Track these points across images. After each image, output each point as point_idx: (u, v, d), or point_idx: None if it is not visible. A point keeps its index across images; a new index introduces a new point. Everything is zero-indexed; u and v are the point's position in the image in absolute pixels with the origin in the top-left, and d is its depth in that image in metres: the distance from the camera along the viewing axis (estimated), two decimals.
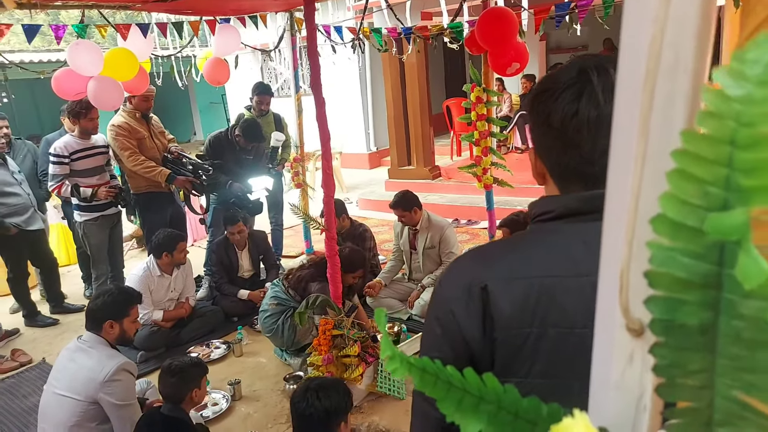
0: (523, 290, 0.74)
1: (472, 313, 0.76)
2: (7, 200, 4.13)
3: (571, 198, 0.77)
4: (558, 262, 0.74)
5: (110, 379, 2.35)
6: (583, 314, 0.70)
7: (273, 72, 10.89)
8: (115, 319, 2.54)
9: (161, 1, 3.72)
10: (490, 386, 0.35)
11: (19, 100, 11.41)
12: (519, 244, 0.83)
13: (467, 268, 0.82)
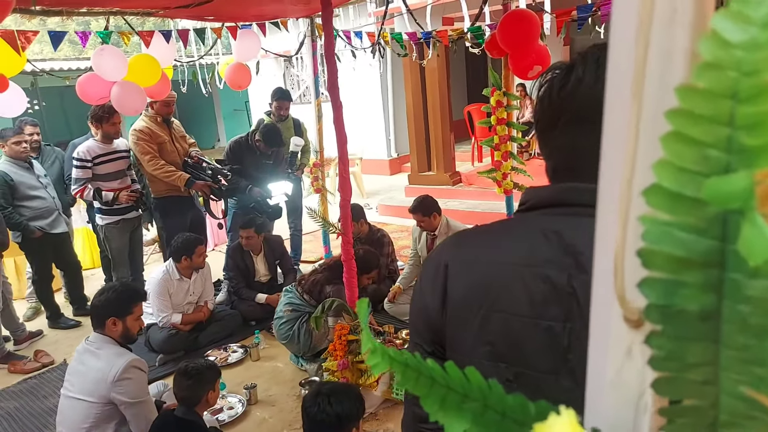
0: (477, 272, 0.78)
1: (435, 288, 0.81)
2: (32, 203, 4.22)
3: (544, 190, 0.79)
4: (515, 250, 0.76)
5: (120, 378, 2.35)
6: (527, 303, 0.72)
7: (295, 78, 10.98)
8: (118, 317, 2.50)
9: (183, 7, 3.78)
10: (475, 383, 0.32)
11: (49, 107, 11.70)
12: (491, 230, 0.85)
13: (444, 249, 0.86)
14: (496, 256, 0.78)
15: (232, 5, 3.84)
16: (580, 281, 0.69)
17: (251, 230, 4.31)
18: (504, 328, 0.74)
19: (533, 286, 0.72)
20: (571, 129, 0.74)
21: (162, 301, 3.85)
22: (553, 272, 0.71)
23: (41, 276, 4.49)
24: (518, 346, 0.73)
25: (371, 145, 9.58)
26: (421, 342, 0.85)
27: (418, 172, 7.72)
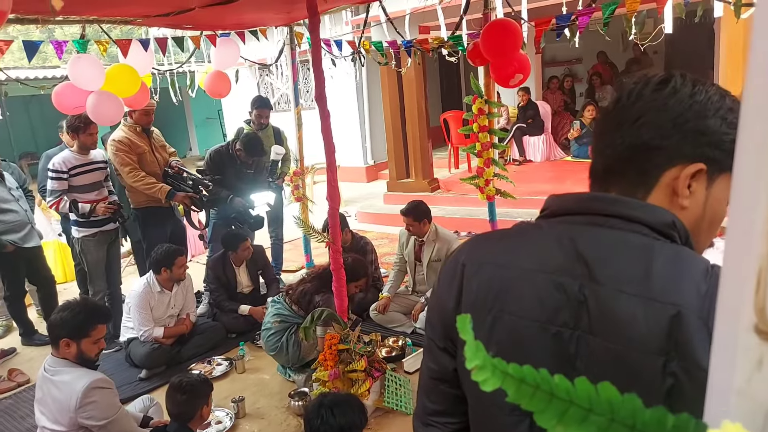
0: (490, 275, 0.79)
1: (452, 287, 0.83)
2: (3, 217, 4.08)
3: (565, 198, 0.82)
4: (528, 255, 0.78)
5: (82, 405, 2.23)
6: (537, 308, 0.74)
7: (270, 86, 10.91)
8: (72, 338, 2.29)
9: (162, 15, 3.72)
10: (604, 396, 0.33)
11: (14, 118, 11.34)
12: (508, 234, 0.87)
13: (463, 250, 0.88)
14: (510, 260, 0.79)
15: (210, 14, 3.80)
16: (591, 291, 0.70)
17: (248, 241, 4.31)
18: (512, 331, 0.75)
19: (544, 292, 0.74)
20: (635, 132, 0.75)
21: (143, 315, 3.76)
22: (566, 279, 0.72)
23: (13, 292, 4.34)
24: (525, 349, 0.74)
25: (347, 152, 9.57)
26: (434, 338, 0.87)
27: (397, 179, 7.75)
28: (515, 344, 0.75)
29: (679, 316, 0.65)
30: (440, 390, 0.88)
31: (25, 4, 2.94)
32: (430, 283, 4.09)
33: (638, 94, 0.75)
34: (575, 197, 0.80)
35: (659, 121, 0.73)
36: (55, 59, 13.53)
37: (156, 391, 3.48)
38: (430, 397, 0.90)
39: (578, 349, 0.70)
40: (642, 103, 0.74)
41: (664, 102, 0.73)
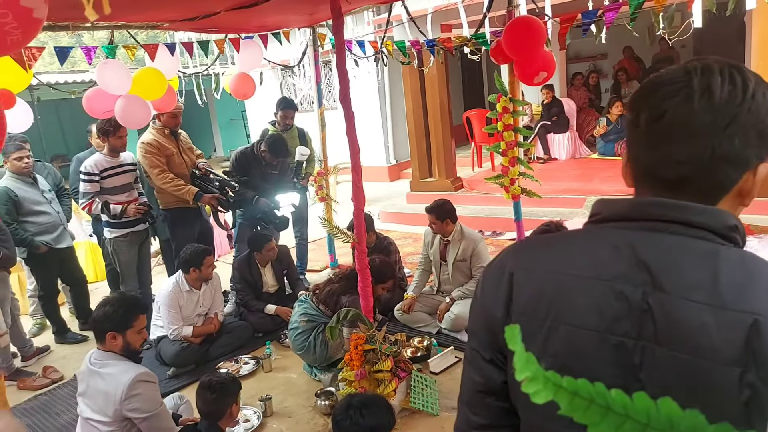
0: (542, 282, 0.77)
1: (499, 294, 0.81)
2: (37, 219, 4.19)
3: (620, 202, 0.78)
4: (581, 262, 0.75)
5: (128, 396, 2.29)
6: (595, 317, 0.71)
7: (292, 87, 10.99)
8: (117, 331, 2.39)
9: (188, 20, 3.78)
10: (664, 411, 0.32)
11: (45, 121, 11.63)
12: (555, 240, 0.85)
13: (507, 256, 0.86)
14: (563, 267, 0.77)
15: (235, 17, 3.84)
16: (656, 299, 0.68)
17: (273, 241, 4.37)
18: (569, 341, 0.73)
19: (603, 300, 0.71)
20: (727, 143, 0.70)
21: (172, 314, 3.83)
22: (626, 287, 0.70)
23: (47, 291, 4.46)
24: (584, 359, 0.71)
25: (370, 152, 9.59)
26: (479, 349, 0.84)
27: (420, 178, 7.73)
28: (573, 355, 0.72)
29: (756, 325, 0.63)
30: (486, 403, 0.85)
31: (56, 12, 3.02)
32: (456, 282, 4.08)
33: (709, 95, 0.70)
34: (630, 202, 0.77)
35: (745, 128, 0.69)
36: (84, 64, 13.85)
37: (185, 389, 3.55)
38: (475, 410, 0.87)
39: (643, 360, 0.68)
40: (722, 106, 0.69)
41: (745, 106, 0.69)
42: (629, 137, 0.79)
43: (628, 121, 0.79)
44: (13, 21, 1.28)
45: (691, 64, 0.73)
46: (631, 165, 0.80)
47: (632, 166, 0.80)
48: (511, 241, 5.77)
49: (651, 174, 0.76)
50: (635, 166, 0.79)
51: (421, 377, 3.21)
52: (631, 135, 0.78)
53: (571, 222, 5.48)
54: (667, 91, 0.72)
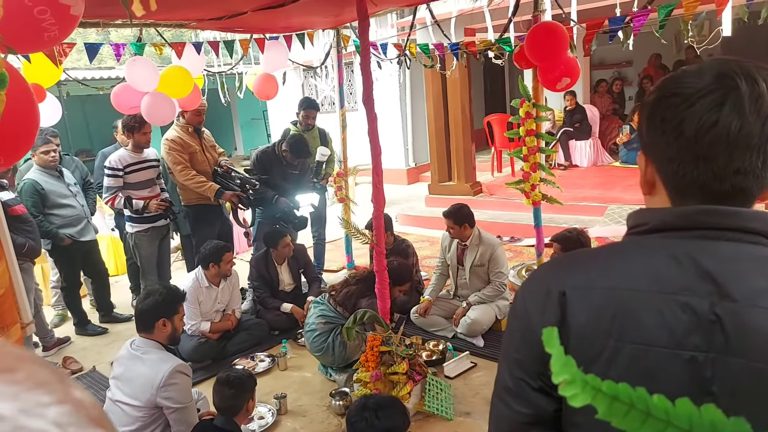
0: (601, 301, 0.73)
1: (549, 317, 0.75)
2: (62, 212, 4.27)
3: (669, 212, 0.75)
4: (639, 276, 0.72)
5: (166, 383, 2.36)
6: (664, 333, 0.68)
7: (314, 88, 11.06)
8: (168, 317, 2.56)
9: (216, 19, 3.83)
10: (707, 418, 0.32)
11: (72, 116, 11.86)
12: (602, 254, 0.81)
13: (549, 274, 0.81)
14: (620, 282, 0.73)
15: (261, 18, 3.88)
16: (724, 309, 0.66)
17: (288, 237, 4.38)
18: (637, 361, 0.70)
19: (670, 315, 0.68)
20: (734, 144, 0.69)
21: (192, 309, 3.87)
22: (692, 299, 0.68)
23: (70, 283, 4.54)
24: (654, 379, 0.68)
25: (389, 154, 9.59)
26: (525, 377, 0.78)
27: (439, 181, 7.72)
28: (643, 375, 0.69)
29: None
30: None
31: (88, 9, 3.08)
32: (473, 287, 4.06)
33: (758, 102, 0.68)
34: (680, 212, 0.74)
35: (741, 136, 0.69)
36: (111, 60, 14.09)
37: (201, 384, 3.58)
38: None
39: (714, 373, 0.66)
40: (715, 131, 0.68)
41: None
42: (660, 145, 0.75)
43: (656, 128, 0.75)
44: (51, 17, 1.31)
45: (719, 67, 0.71)
46: (665, 176, 0.76)
47: (668, 177, 0.76)
48: (529, 247, 5.73)
49: (699, 184, 0.73)
50: (674, 177, 0.75)
51: (436, 381, 3.20)
52: (667, 143, 0.74)
53: (593, 230, 5.43)
54: (712, 99, 0.69)
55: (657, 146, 0.76)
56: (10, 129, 1.22)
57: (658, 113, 0.74)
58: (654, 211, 0.77)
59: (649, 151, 0.79)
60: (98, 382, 3.80)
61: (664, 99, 0.74)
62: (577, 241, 3.41)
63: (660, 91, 0.76)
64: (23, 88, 1.35)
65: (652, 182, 0.79)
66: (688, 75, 0.73)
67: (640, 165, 0.82)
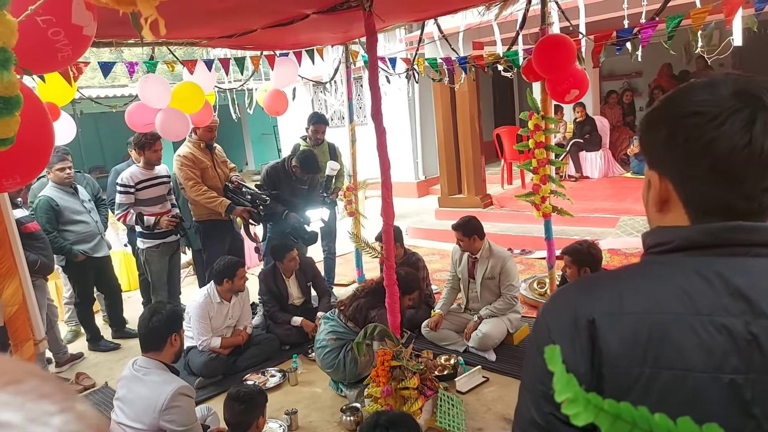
0: (633, 326, 0.69)
1: (579, 348, 0.72)
2: (76, 228, 4.32)
3: (691, 230, 0.73)
4: (670, 299, 0.69)
5: (168, 407, 2.33)
6: (702, 356, 0.66)
7: (324, 103, 11.14)
8: (177, 331, 2.59)
9: (226, 37, 3.89)
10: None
11: (86, 133, 12.05)
12: (628, 276, 0.77)
13: (572, 299, 0.77)
14: (651, 306, 0.70)
15: (271, 35, 3.94)
16: (760, 327, 0.65)
17: (294, 251, 4.37)
18: (676, 387, 0.67)
19: (707, 337, 0.66)
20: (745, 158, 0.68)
21: (202, 324, 3.88)
22: (727, 320, 0.66)
23: (83, 299, 4.57)
24: (695, 405, 0.66)
25: (399, 168, 9.62)
26: (555, 411, 0.71)
27: (448, 194, 7.71)
28: (683, 402, 0.66)
29: None
30: None
31: (101, 29, 3.14)
32: (484, 301, 4.03)
33: None
34: (705, 229, 0.72)
35: None
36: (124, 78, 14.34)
37: (212, 400, 3.58)
38: None
39: (755, 395, 0.64)
40: (748, 151, 0.68)
41: None
42: (682, 162, 0.73)
43: (679, 146, 0.73)
44: (65, 38, 1.34)
45: (734, 84, 0.70)
46: (686, 194, 0.74)
47: (690, 196, 0.74)
48: (541, 259, 5.69)
49: (724, 203, 0.71)
50: (698, 196, 0.73)
51: (447, 396, 3.17)
52: (690, 162, 0.72)
53: (605, 242, 5.39)
54: (742, 118, 0.68)
55: (679, 165, 0.74)
56: (26, 148, 1.25)
57: (681, 132, 0.72)
58: (676, 229, 0.75)
59: (665, 169, 0.76)
60: (110, 398, 3.76)
61: (685, 118, 0.72)
62: (588, 253, 3.38)
63: (673, 108, 0.74)
64: (38, 108, 1.38)
65: (665, 199, 0.77)
66: (700, 91, 0.72)
67: (653, 182, 0.79)
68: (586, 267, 3.37)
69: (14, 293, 1.69)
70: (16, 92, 0.96)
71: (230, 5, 2.85)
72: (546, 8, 3.75)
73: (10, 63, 0.94)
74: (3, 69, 0.91)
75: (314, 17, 3.36)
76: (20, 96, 0.97)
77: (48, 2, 1.19)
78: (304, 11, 3.28)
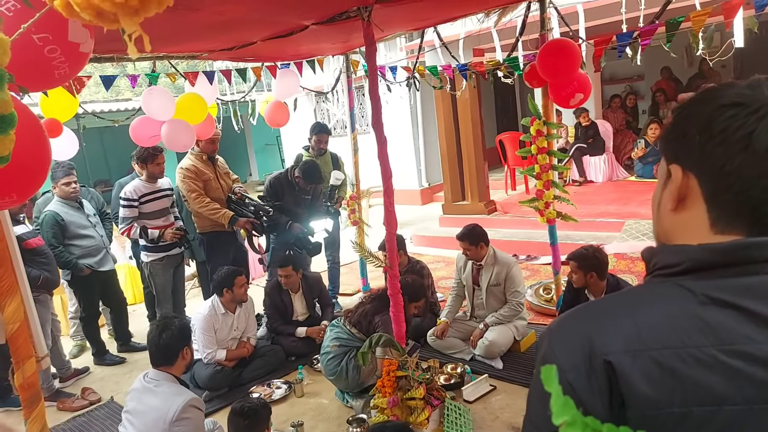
0: (656, 364, 0.65)
1: (597, 390, 0.67)
2: (81, 242, 4.33)
3: (703, 250, 0.69)
4: (692, 330, 0.65)
5: (179, 418, 2.35)
6: (732, 389, 0.63)
7: (326, 112, 11.18)
8: (188, 345, 2.64)
9: (227, 49, 3.90)
10: None
11: (90, 148, 12.12)
12: (641, 304, 0.72)
13: (583, 332, 0.71)
14: (671, 341, 0.66)
15: (271, 46, 3.95)
16: None
17: (289, 268, 4.30)
18: (710, 424, 0.64)
19: (734, 369, 0.63)
20: None
21: (207, 337, 3.87)
22: (753, 347, 0.63)
23: (89, 313, 4.57)
24: None
25: (402, 175, 9.63)
26: None
27: (452, 201, 7.70)
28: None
29: None
30: None
31: (101, 44, 3.16)
32: (489, 308, 4.00)
33: None
34: (716, 249, 0.68)
35: None
36: (127, 92, 14.45)
37: (218, 413, 3.56)
38: None
39: None
40: None
41: None
42: (711, 159, 0.69)
43: (707, 139, 0.69)
44: (62, 56, 1.35)
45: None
46: (714, 189, 0.70)
47: (718, 192, 0.70)
48: (546, 265, 5.65)
49: (753, 205, 0.68)
50: (727, 192, 0.69)
51: (454, 405, 3.14)
52: (724, 158, 0.68)
53: (610, 246, 5.35)
54: None
55: (710, 158, 0.69)
56: (22, 166, 1.25)
57: (718, 123, 0.68)
58: (684, 249, 0.71)
59: (693, 163, 0.71)
60: (116, 413, 3.79)
61: (725, 108, 0.68)
62: (594, 258, 3.35)
63: (712, 100, 0.70)
64: (34, 126, 1.38)
65: (684, 196, 0.73)
66: (740, 87, 0.69)
67: (674, 177, 0.74)
68: (593, 272, 3.34)
69: (15, 311, 1.69)
70: (10, 110, 0.95)
71: (229, 18, 2.86)
72: (545, 14, 3.75)
73: (4, 81, 0.94)
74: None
75: (313, 28, 3.37)
76: (14, 114, 0.97)
77: (44, 20, 1.19)
78: (303, 22, 3.29)
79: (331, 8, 3.05)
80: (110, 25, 0.70)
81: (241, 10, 2.74)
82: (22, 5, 1.21)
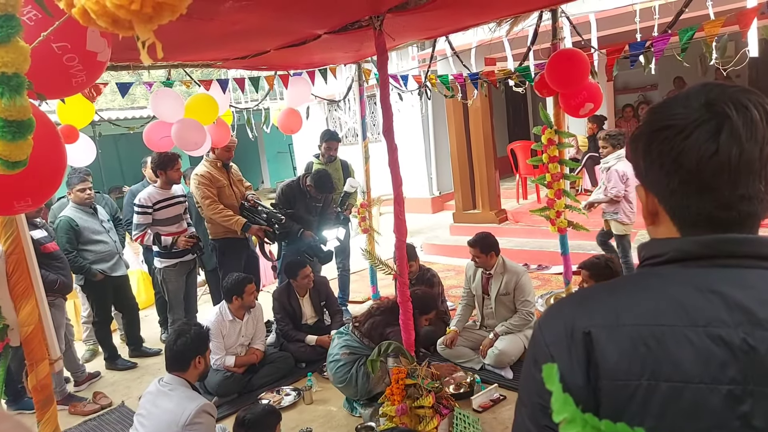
0: (630, 338, 0.69)
1: (575, 361, 0.72)
2: (95, 247, 4.39)
3: (685, 241, 0.74)
4: (666, 311, 0.70)
5: (191, 422, 2.37)
6: (699, 368, 0.66)
7: (338, 121, 11.24)
8: (202, 354, 2.66)
9: (240, 58, 3.95)
10: None
11: (105, 155, 12.28)
12: (623, 288, 0.78)
13: (568, 313, 0.76)
14: (647, 319, 0.70)
15: (284, 55, 3.99)
16: (758, 338, 0.65)
17: (308, 268, 4.38)
18: (674, 399, 0.67)
19: (703, 349, 0.66)
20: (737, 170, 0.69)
21: (216, 343, 3.88)
22: (724, 330, 0.66)
23: (101, 318, 4.62)
24: (694, 417, 0.66)
25: (413, 184, 9.64)
26: (552, 424, 0.74)
27: (463, 210, 7.69)
28: (682, 414, 0.66)
29: None
30: None
31: (118, 53, 3.21)
32: (499, 317, 3.99)
33: (752, 127, 0.69)
34: (699, 241, 0.73)
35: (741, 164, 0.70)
36: (143, 100, 14.64)
37: (227, 419, 3.57)
38: None
39: (754, 406, 0.64)
40: (762, 136, 0.69)
41: None
42: (658, 177, 0.75)
43: (653, 161, 0.74)
44: (79, 64, 1.38)
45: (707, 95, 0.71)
46: (669, 207, 0.76)
47: (673, 209, 0.75)
48: (557, 275, 5.62)
49: (706, 214, 0.72)
50: (679, 209, 0.74)
51: (464, 415, 3.12)
52: (666, 175, 0.73)
53: None
54: (708, 129, 0.70)
55: (657, 179, 0.76)
56: (38, 171, 1.27)
57: (654, 147, 0.74)
58: (670, 241, 0.76)
59: (648, 184, 0.78)
60: (127, 417, 3.82)
61: (657, 132, 0.74)
62: (605, 267, 3.33)
63: (650, 124, 0.76)
64: (50, 131, 1.41)
65: (654, 212, 0.79)
66: (676, 104, 0.74)
67: (640, 196, 0.81)
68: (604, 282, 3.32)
69: (30, 313, 1.71)
70: (28, 116, 0.98)
71: (244, 27, 2.90)
72: (557, 23, 3.75)
73: (23, 88, 0.97)
74: (15, 94, 0.94)
75: (326, 37, 3.41)
76: (32, 119, 1.00)
77: (63, 29, 1.22)
78: (316, 32, 3.33)
79: (344, 18, 3.08)
80: (125, 32, 0.73)
81: (255, 20, 2.77)
82: (43, 15, 1.24)
